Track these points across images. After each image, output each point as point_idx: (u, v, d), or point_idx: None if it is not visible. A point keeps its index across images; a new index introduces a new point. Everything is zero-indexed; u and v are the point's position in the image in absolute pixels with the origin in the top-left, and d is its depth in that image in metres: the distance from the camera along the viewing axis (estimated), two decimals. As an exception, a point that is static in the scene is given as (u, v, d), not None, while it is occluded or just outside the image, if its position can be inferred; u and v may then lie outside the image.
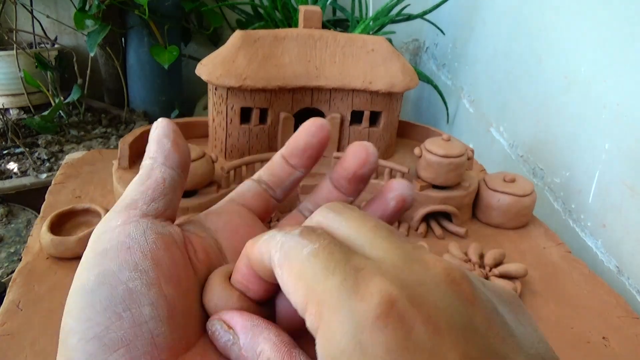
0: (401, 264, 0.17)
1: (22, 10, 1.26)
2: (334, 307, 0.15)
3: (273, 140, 0.70)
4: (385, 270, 0.16)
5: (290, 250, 0.18)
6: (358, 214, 0.20)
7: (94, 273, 0.19)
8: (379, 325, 0.15)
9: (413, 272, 0.16)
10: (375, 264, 0.17)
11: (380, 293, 0.15)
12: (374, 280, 0.16)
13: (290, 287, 0.17)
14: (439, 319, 0.15)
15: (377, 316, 0.15)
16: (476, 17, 1.22)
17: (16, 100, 1.31)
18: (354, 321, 0.15)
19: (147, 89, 1.36)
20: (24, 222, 1.01)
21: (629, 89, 0.70)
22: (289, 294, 0.17)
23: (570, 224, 0.82)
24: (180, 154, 0.24)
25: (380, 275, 0.16)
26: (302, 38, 0.68)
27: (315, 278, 0.16)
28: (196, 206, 0.59)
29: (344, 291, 0.15)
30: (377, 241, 0.18)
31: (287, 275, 0.17)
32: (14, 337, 0.46)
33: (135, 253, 0.20)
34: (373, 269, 0.16)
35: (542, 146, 0.92)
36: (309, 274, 0.17)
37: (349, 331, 0.15)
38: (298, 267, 0.17)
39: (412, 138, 0.82)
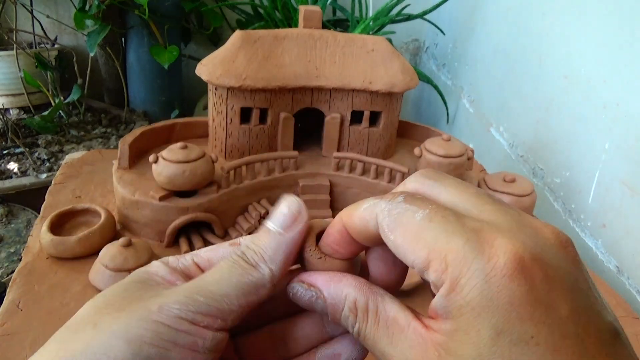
0: (514, 226, 0.18)
1: (22, 10, 1.26)
2: (462, 265, 0.17)
3: (273, 140, 0.70)
4: (503, 232, 0.18)
5: (401, 216, 0.19)
6: (455, 181, 0.21)
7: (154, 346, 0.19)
8: (506, 282, 0.16)
9: (527, 234, 0.18)
10: (491, 225, 0.18)
11: (506, 253, 0.17)
12: (497, 241, 0.17)
13: (408, 249, 0.19)
14: (554, 277, 0.17)
15: (504, 274, 0.16)
16: (476, 17, 1.22)
17: (16, 100, 1.31)
18: (483, 277, 0.17)
19: (147, 89, 1.36)
20: (24, 222, 1.01)
21: (629, 89, 0.70)
22: (405, 254, 0.19)
23: (570, 224, 0.82)
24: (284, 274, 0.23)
25: (502, 237, 0.17)
26: (302, 38, 0.68)
27: (437, 239, 0.18)
28: (196, 206, 0.59)
29: (470, 251, 0.17)
30: (484, 206, 0.19)
31: (401, 238, 0.19)
32: (14, 337, 0.46)
33: (197, 358, 0.20)
34: (492, 230, 0.18)
35: (542, 146, 0.92)
36: (429, 236, 0.18)
37: (477, 285, 0.17)
38: (414, 230, 0.19)
39: (412, 138, 0.82)
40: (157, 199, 0.58)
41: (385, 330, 0.20)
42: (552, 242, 0.18)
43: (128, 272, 0.51)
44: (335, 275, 0.22)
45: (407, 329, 0.19)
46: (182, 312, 0.20)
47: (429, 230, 0.18)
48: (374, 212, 0.20)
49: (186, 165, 0.58)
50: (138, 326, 0.20)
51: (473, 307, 0.17)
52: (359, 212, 0.21)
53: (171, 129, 0.73)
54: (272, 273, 0.22)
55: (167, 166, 0.58)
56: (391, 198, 0.20)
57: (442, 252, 0.18)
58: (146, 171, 0.63)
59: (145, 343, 0.19)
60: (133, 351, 0.19)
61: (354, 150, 0.73)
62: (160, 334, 0.20)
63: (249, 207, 0.66)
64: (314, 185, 0.68)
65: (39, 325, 0.47)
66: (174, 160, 0.58)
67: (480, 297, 0.16)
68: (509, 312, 0.16)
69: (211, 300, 0.21)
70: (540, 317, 0.16)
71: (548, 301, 0.16)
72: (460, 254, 0.17)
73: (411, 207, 0.19)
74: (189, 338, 0.20)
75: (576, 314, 0.17)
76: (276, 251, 0.22)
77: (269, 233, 0.22)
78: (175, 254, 0.61)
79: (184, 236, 0.61)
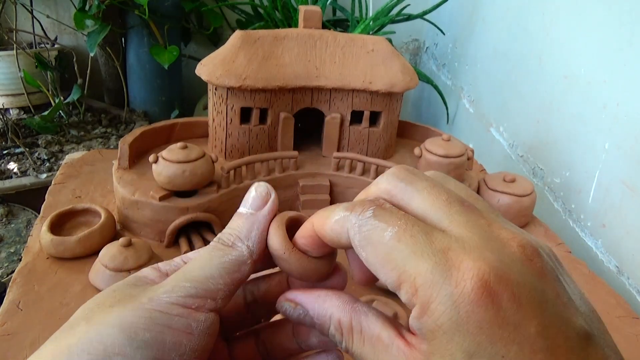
0: (481, 242, 0.18)
1: (22, 10, 1.26)
2: (431, 290, 0.17)
3: (273, 140, 0.70)
4: (470, 250, 0.18)
5: (371, 234, 0.19)
6: (428, 184, 0.21)
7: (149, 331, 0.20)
8: (473, 307, 0.17)
9: (493, 249, 0.18)
10: (459, 243, 0.18)
11: (472, 278, 0.17)
12: (464, 264, 0.17)
13: (379, 268, 0.19)
14: (521, 295, 0.17)
15: (471, 300, 0.17)
16: (476, 17, 1.22)
17: (16, 100, 1.31)
18: (451, 304, 0.17)
19: (147, 89, 1.36)
20: (24, 222, 1.01)
21: (629, 89, 0.70)
22: (376, 272, 0.19)
23: (570, 224, 0.82)
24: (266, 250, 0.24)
25: (468, 258, 0.17)
26: (302, 38, 0.68)
27: (405, 262, 0.18)
28: (196, 206, 0.59)
29: (438, 275, 0.17)
30: (454, 217, 0.19)
31: (372, 257, 0.19)
32: (14, 337, 0.46)
33: (191, 341, 0.21)
34: (459, 250, 0.18)
35: (542, 146, 0.92)
36: (398, 258, 0.18)
37: (446, 311, 0.17)
38: (384, 251, 0.19)
39: (412, 138, 0.82)
40: (157, 199, 0.58)
41: (371, 347, 0.20)
42: (518, 257, 0.18)
43: (128, 272, 0.51)
44: (320, 294, 0.22)
45: (391, 347, 0.19)
46: (172, 298, 0.21)
47: (397, 252, 0.18)
48: (345, 226, 0.20)
49: (186, 165, 0.58)
50: (131, 315, 0.20)
51: (445, 332, 0.17)
52: (331, 224, 0.21)
53: (171, 129, 0.73)
54: (249, 249, 0.23)
55: (167, 166, 0.58)
56: (361, 211, 0.20)
57: (411, 275, 0.18)
58: (146, 171, 0.63)
59: (139, 329, 0.20)
60: (128, 337, 0.19)
61: (354, 150, 0.73)
62: (154, 319, 0.20)
63: (249, 207, 0.66)
64: (314, 185, 0.68)
65: (39, 325, 0.47)
66: (174, 160, 0.58)
67: (450, 322, 0.17)
68: (478, 335, 0.17)
69: (197, 283, 0.21)
70: (509, 337, 0.17)
71: (515, 320, 0.17)
72: (428, 278, 0.18)
73: (380, 224, 0.19)
74: (182, 321, 0.20)
75: (544, 328, 0.17)
76: (250, 229, 0.23)
77: (241, 215, 0.24)
78: (175, 254, 0.61)
79: (184, 236, 0.61)
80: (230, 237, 0.23)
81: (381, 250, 0.19)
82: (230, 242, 0.23)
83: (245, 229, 0.23)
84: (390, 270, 0.19)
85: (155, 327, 0.20)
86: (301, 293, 0.23)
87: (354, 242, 0.20)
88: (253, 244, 0.23)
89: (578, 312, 0.18)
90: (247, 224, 0.23)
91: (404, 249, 0.18)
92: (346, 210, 0.21)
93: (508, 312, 0.17)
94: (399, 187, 0.21)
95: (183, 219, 0.59)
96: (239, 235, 0.23)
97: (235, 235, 0.23)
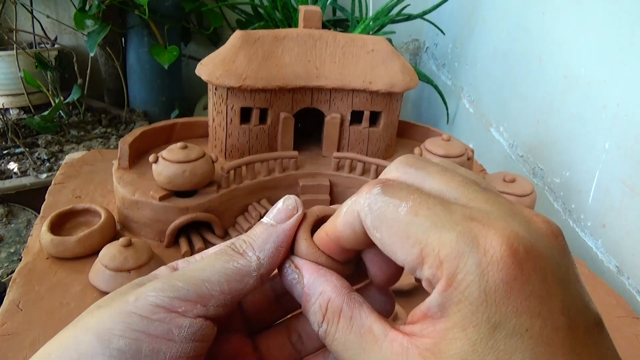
0: (506, 216, 0.18)
1: (22, 10, 1.26)
2: (457, 260, 0.17)
3: (273, 140, 0.70)
4: (495, 220, 0.17)
5: (383, 211, 0.18)
6: (440, 168, 0.20)
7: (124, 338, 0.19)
8: (502, 275, 0.16)
9: (519, 223, 0.17)
10: (483, 213, 0.17)
11: (501, 245, 0.16)
12: (491, 232, 0.17)
13: (397, 247, 0.18)
14: (547, 268, 0.17)
15: (500, 268, 0.16)
16: (476, 17, 1.22)
17: (16, 100, 1.31)
18: (480, 272, 0.16)
19: (147, 89, 1.36)
20: (24, 222, 1.01)
21: (629, 89, 0.70)
22: (394, 253, 0.18)
23: (570, 224, 0.82)
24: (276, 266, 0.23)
25: (494, 227, 0.17)
26: (302, 38, 0.68)
27: (427, 235, 0.17)
28: (196, 206, 0.59)
29: (464, 245, 0.17)
30: (472, 195, 0.19)
31: (388, 236, 0.18)
32: (14, 337, 0.46)
33: (172, 348, 0.20)
34: (484, 219, 0.17)
35: (542, 146, 0.92)
36: (418, 232, 0.17)
37: (475, 280, 0.16)
38: (401, 227, 0.18)
39: (412, 138, 0.82)
40: (157, 199, 0.58)
41: (358, 337, 0.19)
42: (544, 232, 0.18)
43: (128, 272, 0.51)
44: (322, 269, 0.21)
45: (383, 339, 0.18)
46: (158, 298, 0.20)
47: (416, 226, 0.18)
48: (355, 211, 0.19)
49: (186, 165, 0.58)
50: (110, 319, 0.19)
51: (471, 302, 0.16)
52: (341, 219, 0.20)
53: (171, 129, 0.73)
54: (259, 261, 0.21)
55: (167, 166, 0.58)
56: (367, 190, 0.19)
57: (434, 248, 0.17)
58: (146, 171, 0.63)
59: (114, 335, 0.19)
60: (102, 344, 0.19)
61: (354, 150, 0.73)
62: (131, 325, 0.19)
63: (249, 207, 0.66)
64: (314, 185, 0.68)
65: (39, 325, 0.47)
66: (174, 160, 0.58)
67: (479, 291, 0.16)
68: (505, 306, 0.16)
69: (190, 285, 0.20)
70: (535, 310, 0.16)
71: (542, 293, 0.16)
72: (454, 249, 0.17)
73: (392, 199, 0.18)
74: (162, 327, 0.19)
75: (567, 306, 0.17)
76: (266, 241, 0.22)
77: (261, 225, 0.22)
78: (175, 254, 0.61)
79: (184, 236, 0.61)
80: (244, 244, 0.22)
81: (397, 227, 0.18)
82: (242, 250, 0.22)
83: (262, 239, 0.22)
84: (410, 247, 0.18)
85: (131, 333, 0.19)
86: (305, 261, 0.22)
87: (367, 224, 0.19)
88: (265, 256, 0.22)
89: (590, 299, 0.18)
90: (264, 235, 0.22)
91: (423, 222, 0.17)
92: (353, 197, 0.20)
93: (536, 283, 0.16)
94: (409, 172, 0.20)
95: (183, 219, 0.59)
96: (252, 244, 0.22)
97: (249, 243, 0.22)
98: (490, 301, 0.16)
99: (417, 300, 0.54)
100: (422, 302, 0.18)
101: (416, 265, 0.18)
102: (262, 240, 0.22)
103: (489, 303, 0.16)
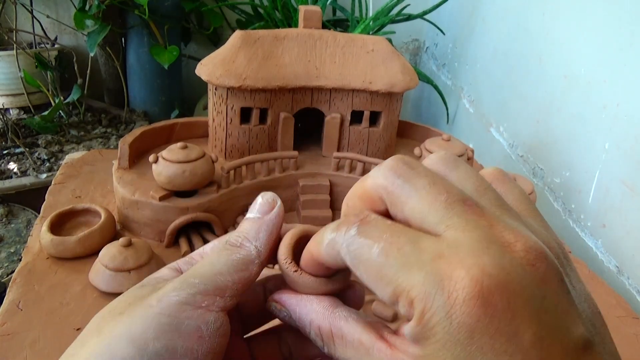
0: (479, 246, 0.17)
1: (22, 10, 1.26)
2: (425, 301, 0.17)
3: (273, 140, 0.70)
4: (465, 256, 0.17)
5: (359, 253, 0.19)
6: (427, 182, 0.20)
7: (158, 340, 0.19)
8: (465, 318, 0.16)
9: (492, 254, 0.17)
10: (452, 249, 0.18)
11: (465, 288, 0.17)
12: (456, 272, 0.17)
13: (373, 285, 0.19)
14: (517, 303, 0.17)
15: (463, 311, 0.16)
16: (476, 17, 1.22)
17: (16, 100, 1.31)
18: (444, 314, 0.17)
19: (147, 89, 1.36)
20: (24, 222, 1.01)
21: (629, 89, 0.70)
22: (373, 289, 0.19)
23: (570, 224, 0.82)
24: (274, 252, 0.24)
25: (461, 266, 0.17)
26: (302, 38, 0.68)
27: (397, 276, 0.18)
28: (196, 206, 0.59)
29: (431, 286, 0.17)
30: (452, 220, 0.18)
31: (366, 276, 0.19)
32: (14, 337, 0.46)
33: (203, 345, 0.20)
34: (452, 256, 0.17)
35: (542, 146, 0.92)
36: (390, 273, 0.18)
37: (440, 322, 0.17)
38: (375, 268, 0.19)
39: (412, 138, 0.82)
40: (157, 199, 0.58)
41: (354, 351, 0.20)
42: (519, 261, 0.17)
43: (128, 272, 0.51)
44: (302, 298, 0.22)
45: (372, 349, 0.19)
46: (181, 296, 0.21)
47: (388, 267, 0.18)
48: (336, 249, 0.20)
49: (186, 165, 0.58)
50: (140, 323, 0.20)
51: (437, 340, 0.17)
52: (324, 249, 0.21)
53: (171, 129, 0.73)
54: (257, 249, 0.23)
55: (167, 166, 0.58)
56: (345, 230, 0.20)
57: (405, 288, 0.18)
58: (146, 171, 0.63)
59: (149, 339, 0.19)
60: (138, 348, 0.19)
61: (354, 150, 0.73)
62: (163, 326, 0.20)
63: (249, 207, 0.66)
64: (314, 185, 0.68)
65: (39, 325, 0.47)
66: (174, 160, 0.58)
67: (443, 332, 0.17)
68: (469, 345, 0.16)
69: (206, 279, 0.21)
70: (501, 348, 0.16)
71: (509, 331, 0.16)
72: (421, 290, 0.17)
73: (366, 241, 0.19)
74: (191, 324, 0.20)
75: (539, 339, 0.17)
76: (258, 231, 0.23)
77: (248, 219, 0.24)
78: (175, 254, 0.61)
79: (184, 236, 0.61)
80: (238, 238, 0.23)
81: (372, 268, 0.19)
82: (239, 243, 0.23)
83: (254, 230, 0.23)
84: (384, 287, 0.18)
85: (165, 334, 0.20)
86: (287, 295, 0.23)
87: (347, 262, 0.20)
88: (261, 244, 0.23)
89: (579, 319, 0.18)
90: (254, 226, 0.23)
91: (393, 264, 0.18)
92: (333, 232, 0.20)
93: (502, 321, 0.16)
94: (396, 184, 0.20)
95: (183, 219, 0.59)
96: (246, 236, 0.23)
97: (243, 236, 0.23)
98: (454, 341, 0.17)
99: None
100: (402, 325, 0.19)
101: (392, 302, 0.19)
102: (255, 231, 0.23)
103: (453, 342, 0.17)
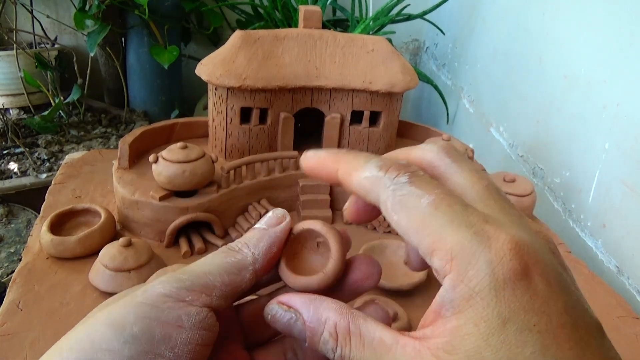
0: (517, 226, 0.19)
1: (22, 10, 1.26)
2: (469, 257, 0.18)
3: (273, 140, 0.70)
4: (506, 227, 0.19)
5: (406, 199, 0.20)
6: (473, 168, 0.22)
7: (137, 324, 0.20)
8: (511, 275, 0.18)
9: (527, 234, 0.19)
10: (496, 221, 0.19)
11: (511, 249, 0.18)
12: (502, 235, 0.18)
13: (412, 232, 0.19)
14: (549, 274, 0.18)
15: (509, 268, 0.18)
16: (476, 17, 1.22)
17: (16, 100, 1.31)
18: (490, 270, 0.18)
19: (147, 89, 1.36)
20: (24, 222, 1.01)
21: (629, 89, 0.70)
22: (408, 236, 0.20)
23: (570, 224, 0.82)
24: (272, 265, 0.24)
25: (506, 232, 0.18)
26: (302, 38, 0.68)
27: (443, 229, 0.19)
28: (196, 206, 0.59)
29: (477, 244, 0.18)
30: (489, 202, 0.20)
31: (405, 222, 0.20)
32: (14, 337, 0.46)
33: (182, 334, 0.20)
34: (497, 225, 0.19)
35: (542, 146, 0.92)
36: (434, 225, 0.19)
37: (485, 277, 0.18)
38: (419, 217, 0.19)
39: (412, 138, 0.82)
40: (157, 199, 0.58)
41: (372, 351, 0.19)
42: (546, 244, 0.20)
43: (128, 272, 0.51)
44: (315, 297, 0.22)
45: (395, 346, 0.19)
46: (166, 289, 0.21)
47: (434, 218, 0.19)
48: (377, 187, 0.20)
49: (186, 165, 0.58)
50: (120, 310, 0.20)
51: (482, 297, 0.17)
52: (359, 179, 0.21)
53: (171, 129, 0.73)
54: (254, 256, 0.23)
55: (167, 166, 0.58)
56: (396, 175, 0.20)
57: (447, 243, 0.18)
58: (146, 171, 0.63)
59: (128, 323, 0.20)
60: (115, 331, 0.20)
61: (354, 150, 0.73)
62: (143, 312, 0.20)
63: (249, 207, 0.66)
64: (314, 185, 0.68)
65: (39, 325, 0.47)
66: (174, 160, 0.58)
67: (489, 287, 0.17)
68: (513, 303, 0.17)
69: (194, 277, 0.22)
70: (540, 308, 0.17)
71: (546, 295, 0.18)
72: (467, 246, 0.18)
73: (417, 190, 0.20)
74: (172, 314, 0.20)
75: (569, 308, 0.18)
76: (259, 240, 0.23)
77: (254, 229, 0.24)
78: (175, 254, 0.61)
79: (184, 236, 0.61)
80: (239, 243, 0.24)
81: (416, 216, 0.19)
82: (237, 248, 0.23)
83: (255, 238, 0.24)
84: (425, 236, 0.19)
85: (143, 320, 0.20)
86: (294, 296, 0.22)
87: (386, 205, 0.20)
88: (259, 252, 0.23)
89: (586, 303, 0.19)
90: (257, 235, 0.24)
91: (441, 217, 0.19)
92: (379, 170, 0.21)
93: (539, 286, 0.18)
94: (445, 161, 0.22)
95: (183, 219, 0.59)
96: (247, 243, 0.24)
97: (243, 242, 0.24)
98: (500, 297, 0.17)
99: (417, 300, 0.55)
100: (433, 302, 0.19)
101: (426, 252, 0.19)
102: (256, 239, 0.24)
103: (499, 299, 0.17)
